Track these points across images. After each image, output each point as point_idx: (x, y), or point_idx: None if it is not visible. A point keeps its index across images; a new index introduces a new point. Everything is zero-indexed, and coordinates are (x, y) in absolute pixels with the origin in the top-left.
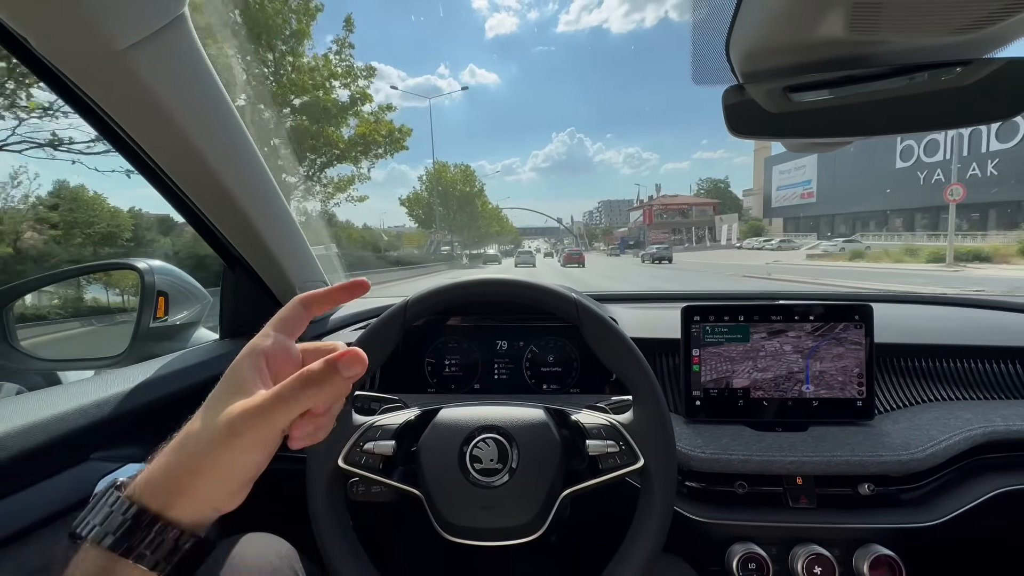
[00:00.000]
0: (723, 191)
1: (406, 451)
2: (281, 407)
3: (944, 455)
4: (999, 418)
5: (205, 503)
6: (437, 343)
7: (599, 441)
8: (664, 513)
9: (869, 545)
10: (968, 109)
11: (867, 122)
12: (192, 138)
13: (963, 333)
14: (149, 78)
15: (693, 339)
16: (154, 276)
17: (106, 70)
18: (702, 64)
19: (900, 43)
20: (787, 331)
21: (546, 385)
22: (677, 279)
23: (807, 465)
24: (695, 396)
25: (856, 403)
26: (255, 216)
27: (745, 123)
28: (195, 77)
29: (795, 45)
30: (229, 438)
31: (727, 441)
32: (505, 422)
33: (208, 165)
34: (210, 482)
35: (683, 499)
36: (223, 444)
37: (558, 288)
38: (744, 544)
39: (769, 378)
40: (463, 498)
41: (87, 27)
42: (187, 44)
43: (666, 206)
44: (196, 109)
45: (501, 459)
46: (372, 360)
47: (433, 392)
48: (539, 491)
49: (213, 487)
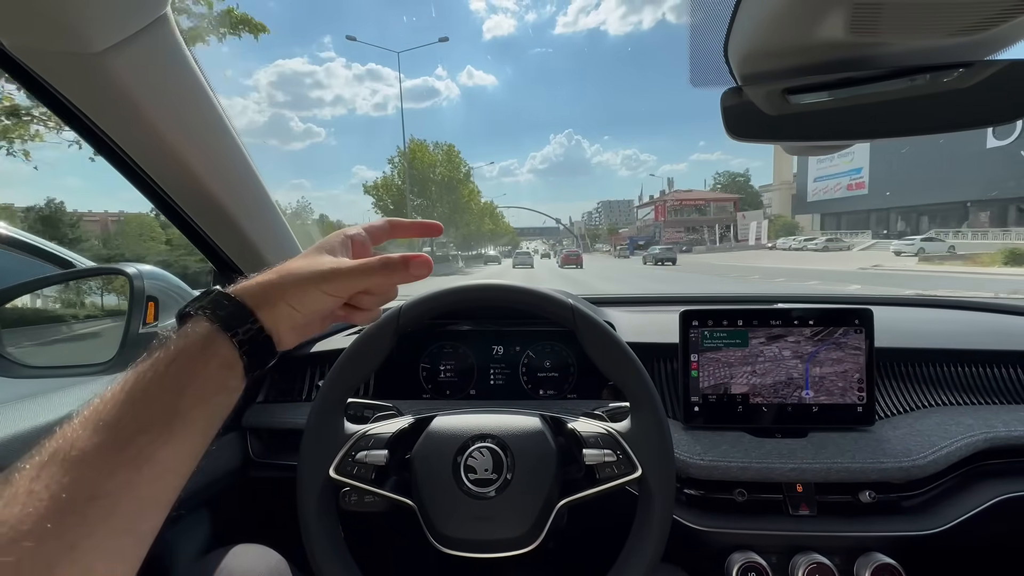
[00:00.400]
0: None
1: (399, 460)
2: (362, 274)
3: (945, 461)
4: (1000, 423)
5: (279, 320)
6: (432, 348)
7: (596, 450)
8: (663, 523)
9: (870, 553)
10: (969, 111)
11: (867, 124)
12: (177, 143)
13: (964, 337)
14: (130, 81)
15: (691, 344)
16: (143, 281)
17: (84, 73)
18: (700, 66)
19: (900, 45)
20: (786, 336)
21: (543, 390)
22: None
23: (807, 472)
24: (694, 402)
25: (856, 409)
26: (246, 222)
27: (743, 126)
28: (179, 79)
29: (794, 47)
30: (319, 281)
31: (726, 448)
32: (500, 431)
33: (195, 170)
34: (288, 307)
35: (682, 507)
36: (312, 283)
37: (554, 294)
38: (744, 553)
39: (768, 384)
40: (457, 509)
41: (62, 29)
42: (170, 46)
43: (681, 202)
44: (181, 113)
45: (496, 469)
46: (365, 367)
47: (428, 398)
48: (535, 501)
49: (288, 312)
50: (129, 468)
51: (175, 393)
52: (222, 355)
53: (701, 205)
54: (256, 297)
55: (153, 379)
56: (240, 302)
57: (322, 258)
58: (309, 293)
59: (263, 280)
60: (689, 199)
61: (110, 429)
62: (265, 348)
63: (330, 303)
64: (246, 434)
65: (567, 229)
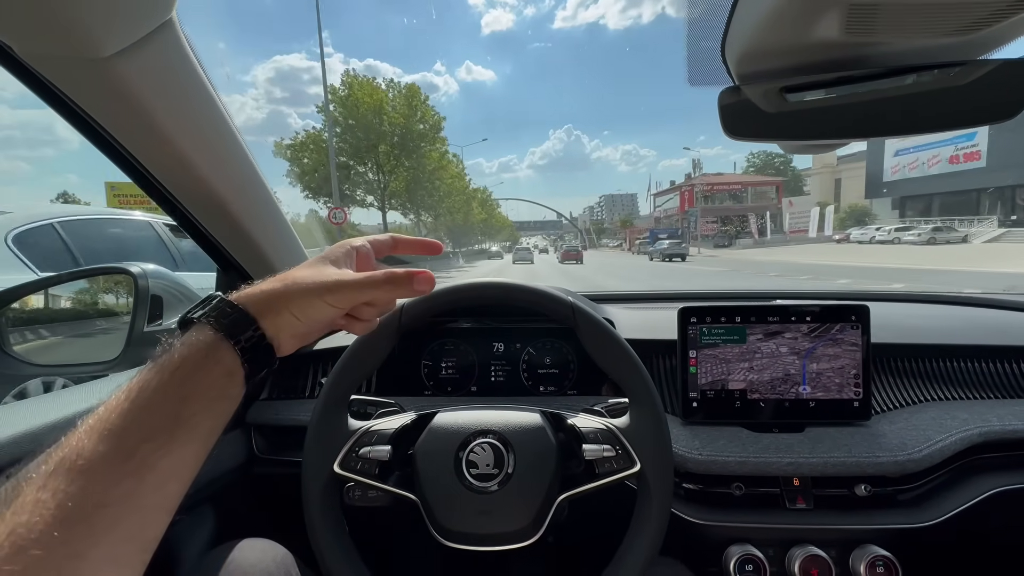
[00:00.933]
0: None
1: (402, 456)
2: (366, 287)
3: (941, 455)
4: (995, 418)
5: (281, 328)
6: (433, 346)
7: (595, 445)
8: (661, 516)
9: (866, 546)
10: (965, 110)
11: (865, 123)
12: (184, 146)
13: (960, 332)
14: (137, 86)
15: (690, 340)
16: (148, 280)
17: (92, 77)
18: (698, 65)
19: (896, 44)
20: (784, 332)
21: (543, 387)
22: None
23: (804, 466)
24: (692, 398)
25: (853, 404)
26: (250, 222)
27: (741, 125)
28: (185, 84)
29: (791, 46)
30: (323, 292)
31: (724, 443)
32: (501, 426)
33: (200, 172)
34: (291, 316)
35: (680, 501)
36: (316, 293)
37: (554, 291)
38: (741, 546)
39: (766, 380)
40: (459, 503)
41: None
42: (176, 50)
43: (712, 186)
44: (187, 117)
45: (497, 464)
46: (368, 364)
47: (430, 395)
48: (535, 496)
49: (290, 320)
50: (134, 477)
51: (179, 401)
52: (225, 363)
53: (737, 190)
54: (259, 305)
55: (158, 387)
56: (244, 310)
57: (327, 269)
58: (312, 303)
59: (267, 288)
60: (722, 183)
61: (115, 438)
62: (266, 355)
63: (332, 313)
64: (251, 431)
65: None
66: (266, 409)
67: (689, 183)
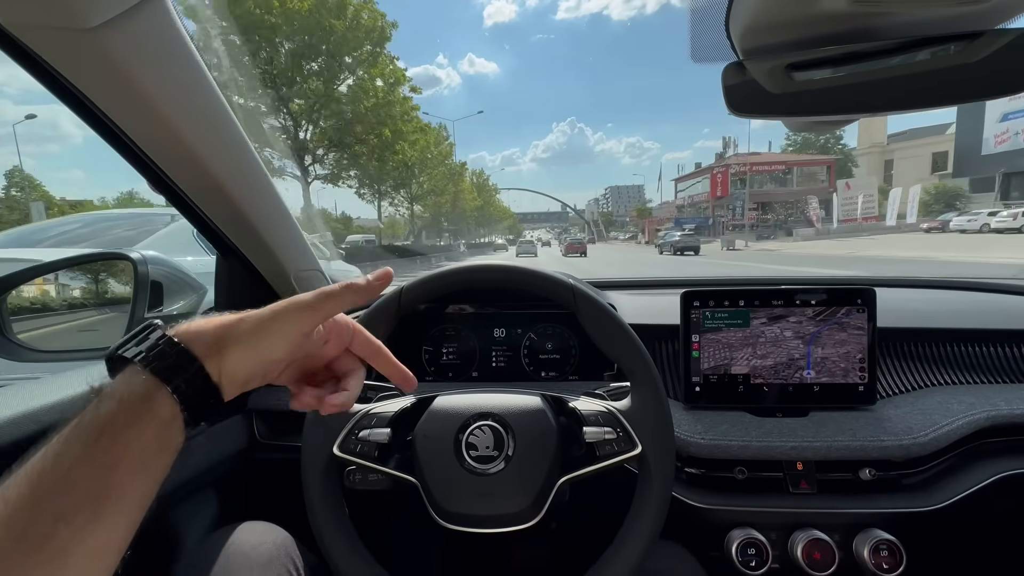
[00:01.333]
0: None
1: (402, 439)
2: (326, 302)
3: (946, 439)
4: (1002, 402)
5: (233, 367)
6: (434, 331)
7: (596, 428)
8: (661, 499)
9: (870, 530)
10: (978, 83)
11: (872, 100)
12: (176, 124)
13: (966, 317)
14: (125, 59)
15: (693, 324)
16: (148, 266)
17: (78, 49)
18: (701, 41)
19: (905, 15)
20: (788, 316)
21: (544, 372)
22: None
23: (807, 450)
24: (695, 382)
25: (858, 388)
26: (247, 204)
27: (745, 101)
28: (176, 58)
29: (797, 18)
30: (278, 315)
31: (727, 427)
32: (501, 409)
33: (194, 152)
34: (240, 352)
35: (682, 485)
36: (270, 319)
37: (554, 274)
38: (743, 529)
39: (769, 364)
40: (459, 485)
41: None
42: (166, 23)
43: (751, 167)
44: (178, 93)
45: (497, 446)
46: None
47: (430, 380)
48: (536, 478)
49: (244, 357)
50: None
51: (106, 470)
52: (161, 415)
53: (780, 171)
54: (204, 343)
55: (81, 457)
56: (186, 349)
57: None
58: (267, 329)
59: (216, 322)
60: (762, 163)
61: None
62: (210, 400)
63: (291, 341)
64: (252, 416)
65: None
66: (267, 394)
67: (722, 163)
